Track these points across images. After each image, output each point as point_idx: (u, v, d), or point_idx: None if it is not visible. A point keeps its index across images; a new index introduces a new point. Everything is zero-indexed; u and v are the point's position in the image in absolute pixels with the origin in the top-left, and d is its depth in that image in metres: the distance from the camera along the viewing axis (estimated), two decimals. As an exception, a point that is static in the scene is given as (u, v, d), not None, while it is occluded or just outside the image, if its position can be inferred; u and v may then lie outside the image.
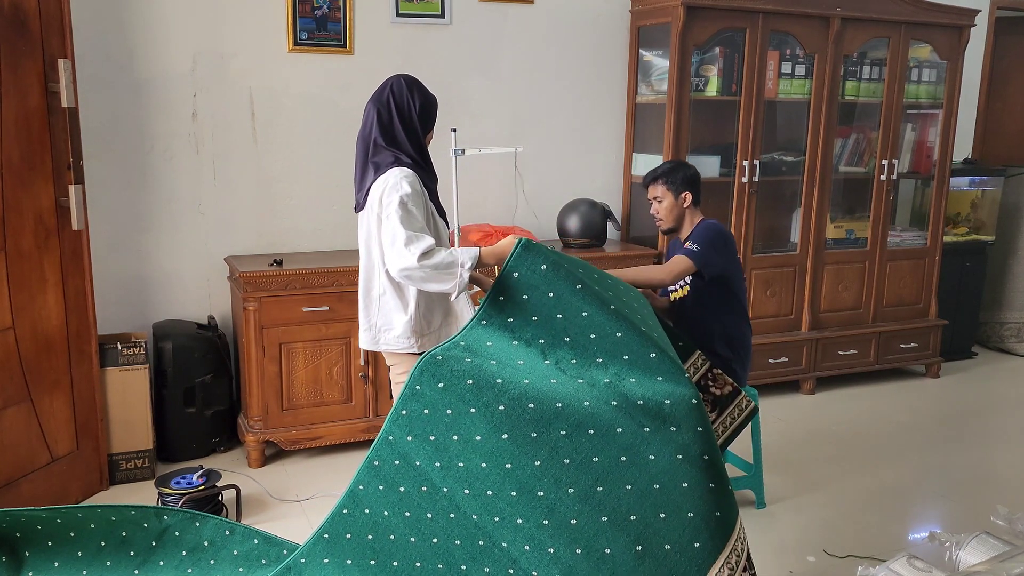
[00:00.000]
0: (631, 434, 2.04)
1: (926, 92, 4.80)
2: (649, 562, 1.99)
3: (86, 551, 2.62)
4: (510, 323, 2.16)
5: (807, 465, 3.67)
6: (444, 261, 2.30)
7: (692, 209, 3.09)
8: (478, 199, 4.23)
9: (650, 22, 4.30)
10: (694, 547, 2.00)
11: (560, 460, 2.03)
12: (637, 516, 2.01)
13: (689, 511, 2.02)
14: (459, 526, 2.16)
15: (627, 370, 2.11)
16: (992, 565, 2.11)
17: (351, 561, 2.28)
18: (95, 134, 3.51)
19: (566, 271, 2.16)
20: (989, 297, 5.48)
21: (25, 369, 3.01)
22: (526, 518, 2.05)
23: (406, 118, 2.50)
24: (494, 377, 2.08)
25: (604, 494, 2.02)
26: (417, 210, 2.37)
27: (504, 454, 2.06)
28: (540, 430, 2.05)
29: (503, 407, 2.06)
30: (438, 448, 2.12)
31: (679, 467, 2.03)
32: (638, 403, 2.06)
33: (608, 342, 2.13)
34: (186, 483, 3.06)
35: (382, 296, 2.50)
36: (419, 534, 2.20)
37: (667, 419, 2.06)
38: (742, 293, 3.08)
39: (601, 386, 2.08)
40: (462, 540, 2.16)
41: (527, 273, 2.14)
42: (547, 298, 2.15)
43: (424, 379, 2.10)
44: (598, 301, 2.15)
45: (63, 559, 2.60)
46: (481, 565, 2.13)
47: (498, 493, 2.07)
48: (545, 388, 2.07)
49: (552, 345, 2.14)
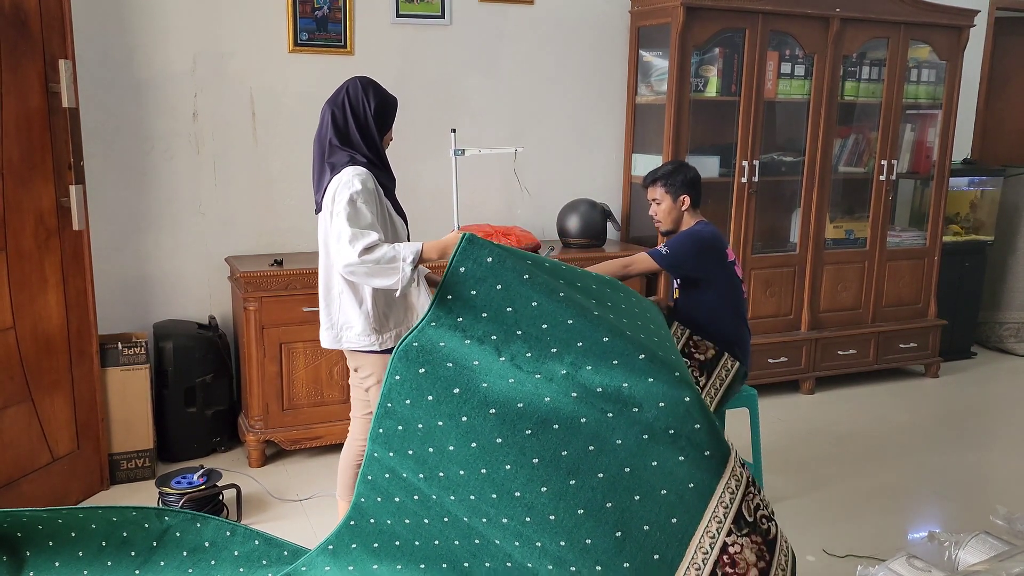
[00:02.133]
0: (595, 423, 2.05)
1: (925, 92, 4.81)
2: (630, 545, 2.00)
3: (87, 551, 2.62)
4: (460, 322, 2.14)
5: (807, 465, 3.67)
6: (386, 256, 2.31)
7: (691, 212, 3.09)
8: (478, 199, 4.23)
9: (650, 22, 4.31)
10: (671, 523, 2.02)
11: (529, 460, 2.04)
12: (613, 503, 2.02)
13: (662, 488, 2.04)
14: (454, 528, 2.20)
15: (583, 358, 2.11)
16: (991, 565, 2.12)
17: (353, 567, 2.31)
18: (95, 134, 3.51)
19: (512, 262, 2.15)
20: (988, 297, 5.49)
21: (26, 369, 3.01)
22: (510, 517, 2.07)
23: (361, 119, 2.51)
24: (452, 387, 2.10)
25: (577, 487, 2.02)
26: (368, 207, 2.39)
27: (478, 460, 2.08)
28: (505, 434, 2.06)
29: (466, 418, 2.08)
30: (418, 461, 2.16)
31: (646, 447, 2.05)
32: (597, 391, 2.07)
33: (560, 330, 2.13)
34: (187, 483, 3.06)
35: (341, 294, 2.52)
36: (421, 538, 2.25)
37: (628, 401, 2.07)
38: (736, 297, 3.07)
39: (559, 379, 2.08)
40: (460, 540, 2.20)
41: (473, 267, 2.14)
42: (495, 291, 2.13)
43: (393, 397, 2.14)
44: (546, 290, 2.15)
45: (64, 559, 2.60)
46: (481, 561, 2.17)
47: (480, 497, 2.10)
48: (504, 390, 2.07)
49: (505, 340, 2.12)
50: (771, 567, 2.07)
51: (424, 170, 4.14)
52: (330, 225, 2.42)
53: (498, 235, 3.85)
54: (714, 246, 3.01)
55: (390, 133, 2.64)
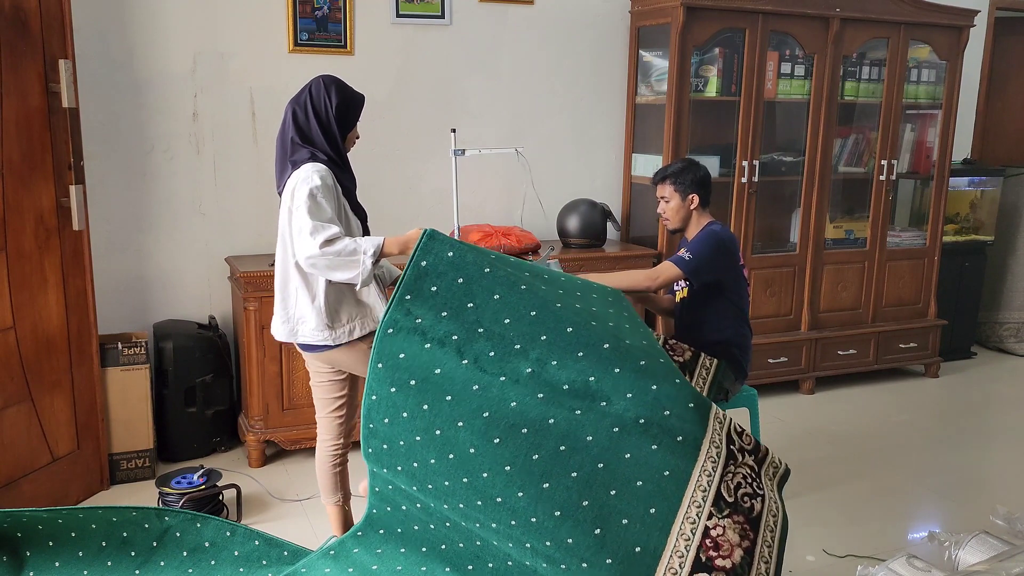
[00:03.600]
0: (564, 422, 2.03)
1: (925, 92, 4.81)
2: (611, 541, 1.99)
3: (87, 551, 2.63)
4: (419, 324, 2.11)
5: (807, 465, 3.67)
6: (347, 248, 2.34)
7: (699, 211, 3.09)
8: (478, 199, 4.24)
9: (650, 23, 4.31)
10: (650, 514, 2.01)
11: (502, 468, 2.03)
12: (589, 501, 2.00)
13: (637, 480, 2.02)
14: (457, 532, 2.21)
15: (548, 352, 2.09)
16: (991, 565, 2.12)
17: (352, 569, 2.32)
18: (96, 134, 3.51)
19: (474, 256, 2.14)
20: (988, 297, 5.49)
21: (26, 369, 3.01)
22: (497, 522, 2.08)
23: (322, 118, 2.52)
24: (421, 404, 2.08)
25: (551, 489, 2.01)
26: (327, 202, 2.40)
27: (458, 471, 2.08)
28: (476, 444, 2.05)
29: (439, 431, 2.08)
30: (408, 475, 2.17)
31: (618, 440, 2.03)
32: (564, 388, 2.05)
33: (523, 324, 2.10)
34: (187, 483, 3.06)
35: (298, 289, 2.52)
36: (428, 543, 2.27)
37: (596, 396, 2.05)
38: (741, 297, 3.07)
39: (524, 379, 2.06)
40: (464, 543, 2.22)
41: (434, 261, 2.12)
42: (456, 285, 2.11)
43: (373, 416, 2.15)
44: (508, 282, 2.13)
45: (64, 559, 2.61)
46: (484, 562, 2.19)
47: (468, 504, 2.10)
48: (468, 399, 2.05)
49: (467, 340, 2.09)
50: (756, 544, 2.05)
51: (424, 170, 4.14)
52: (290, 219, 2.43)
53: (498, 235, 3.85)
54: (732, 249, 3.02)
55: (355, 131, 2.63)
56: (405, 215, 4.15)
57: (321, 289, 2.49)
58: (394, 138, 4.07)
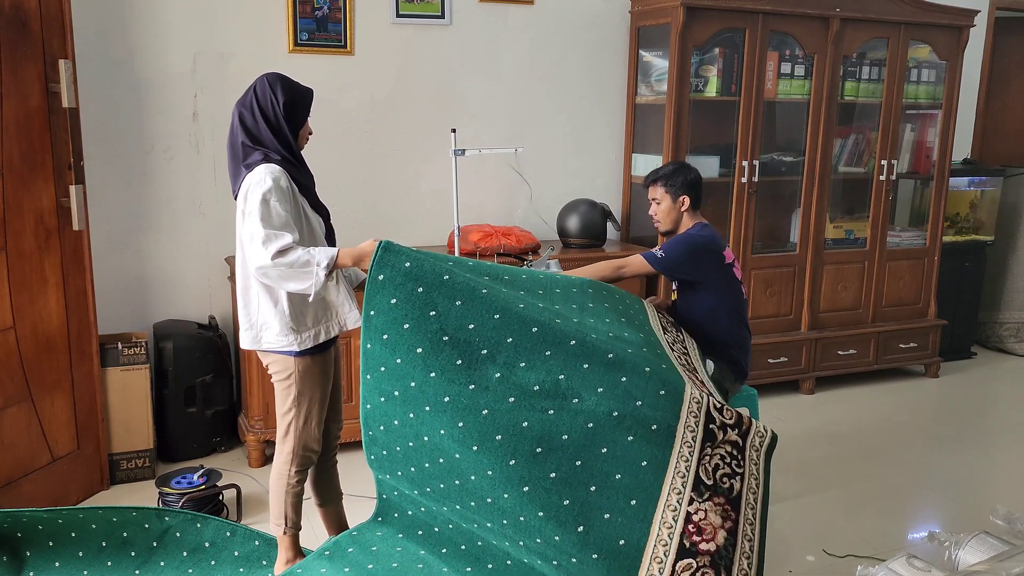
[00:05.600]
0: (538, 423, 2.03)
1: (925, 92, 4.81)
2: (594, 537, 1.99)
3: (87, 551, 2.63)
4: (386, 340, 2.09)
5: (807, 465, 3.67)
6: (300, 260, 2.25)
7: (690, 212, 3.09)
8: (478, 199, 4.24)
9: (650, 23, 4.31)
10: (631, 506, 2.01)
11: (485, 472, 2.04)
12: (570, 499, 2.01)
13: (616, 473, 2.03)
14: (459, 534, 2.23)
15: (515, 354, 2.08)
16: (991, 565, 2.12)
17: (348, 569, 2.33)
18: (95, 134, 3.51)
19: (431, 264, 2.12)
20: (988, 297, 5.49)
21: (26, 369, 3.01)
22: (492, 521, 2.09)
23: (270, 117, 2.42)
24: (408, 412, 2.10)
25: (532, 491, 2.01)
26: (281, 205, 2.31)
27: (450, 474, 2.10)
28: (459, 451, 2.06)
29: (427, 438, 2.09)
30: (409, 480, 2.20)
31: (593, 435, 2.03)
32: (534, 389, 2.05)
33: (488, 328, 2.08)
34: (187, 483, 3.06)
35: (259, 294, 2.42)
36: (429, 547, 2.30)
37: (567, 394, 2.05)
38: (735, 298, 3.07)
39: (494, 384, 2.05)
40: (466, 545, 2.24)
41: (392, 273, 2.09)
42: (416, 294, 2.08)
43: (371, 424, 2.18)
44: (468, 287, 2.11)
45: (64, 559, 2.61)
46: (484, 563, 2.20)
47: (464, 505, 2.12)
48: (444, 411, 2.05)
49: (433, 351, 2.07)
50: (738, 524, 2.05)
51: (424, 170, 4.14)
52: (243, 225, 2.35)
53: (498, 235, 3.85)
54: (709, 248, 3.00)
55: (308, 127, 2.55)
56: (405, 215, 4.15)
57: (284, 293, 2.39)
58: (394, 138, 4.07)
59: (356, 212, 4.03)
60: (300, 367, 2.46)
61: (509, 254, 3.74)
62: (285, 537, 2.60)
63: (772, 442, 2.23)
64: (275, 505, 2.58)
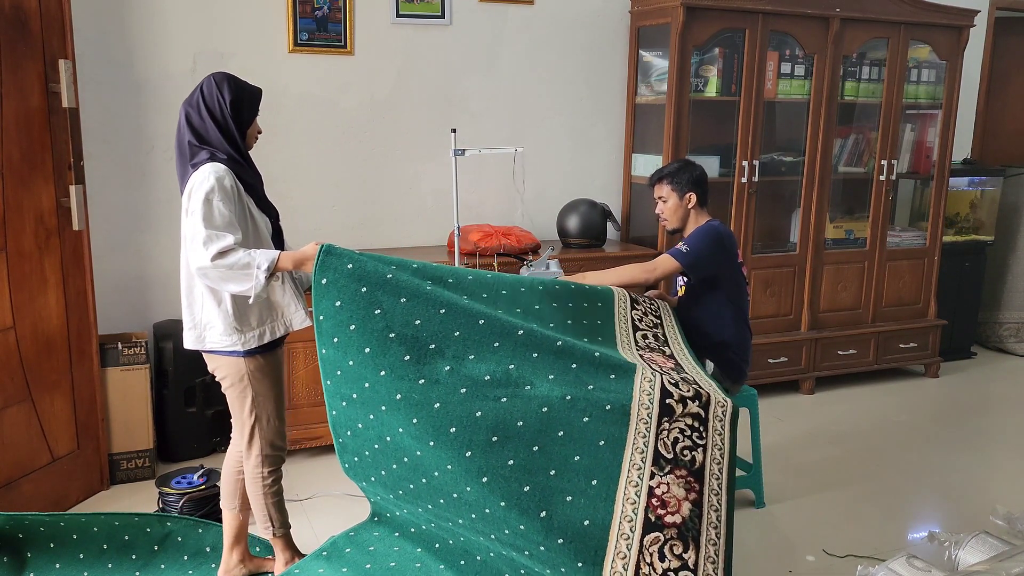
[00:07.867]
0: (492, 412, 2.04)
1: (925, 92, 4.81)
2: (558, 521, 1.99)
3: (88, 553, 2.63)
4: (337, 343, 2.11)
5: (807, 465, 3.67)
6: (240, 262, 2.23)
7: (697, 210, 3.09)
8: (478, 199, 4.24)
9: (650, 23, 4.31)
10: (592, 486, 2.01)
11: (445, 467, 2.04)
12: (530, 486, 2.01)
13: (575, 455, 2.03)
14: (442, 530, 2.25)
15: (463, 348, 2.09)
16: (991, 565, 2.12)
17: (346, 569, 2.34)
18: (95, 134, 3.51)
19: (373, 265, 2.12)
20: (988, 297, 5.49)
21: (26, 369, 3.01)
22: (462, 516, 2.10)
23: (217, 116, 2.39)
24: (368, 414, 2.10)
25: (491, 481, 2.01)
26: (225, 205, 2.28)
27: (415, 473, 2.11)
28: (419, 448, 2.06)
29: (389, 438, 2.10)
30: (382, 484, 2.21)
31: (548, 420, 2.04)
32: (485, 379, 2.06)
33: (434, 323, 2.09)
34: (187, 483, 3.06)
35: (203, 293, 2.39)
36: (423, 544, 2.32)
37: (518, 381, 2.06)
38: (740, 297, 3.07)
39: (444, 377, 2.06)
40: (452, 540, 2.26)
41: (335, 276, 2.10)
42: (360, 295, 2.09)
43: (339, 431, 2.18)
44: (412, 284, 2.12)
45: (65, 561, 2.61)
46: (473, 556, 2.22)
47: (434, 503, 2.13)
48: (398, 408, 2.05)
49: (381, 350, 2.07)
50: (703, 495, 2.05)
51: (424, 170, 4.14)
52: (186, 223, 2.32)
53: (498, 235, 3.85)
54: (729, 245, 3.02)
55: (256, 126, 2.52)
56: (405, 215, 4.15)
57: (227, 293, 2.35)
58: (394, 138, 4.07)
59: (356, 212, 4.03)
60: (251, 367, 2.43)
61: (509, 254, 3.74)
62: (277, 539, 2.60)
63: (735, 413, 2.23)
64: (258, 511, 2.57)
